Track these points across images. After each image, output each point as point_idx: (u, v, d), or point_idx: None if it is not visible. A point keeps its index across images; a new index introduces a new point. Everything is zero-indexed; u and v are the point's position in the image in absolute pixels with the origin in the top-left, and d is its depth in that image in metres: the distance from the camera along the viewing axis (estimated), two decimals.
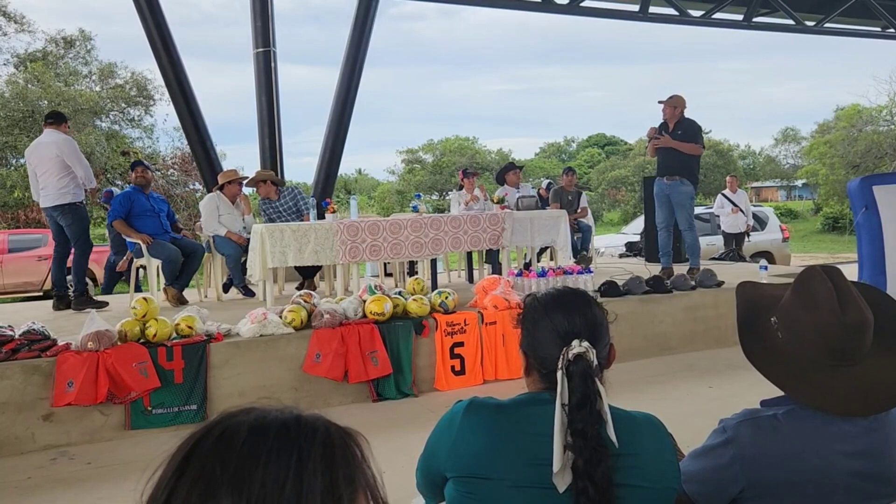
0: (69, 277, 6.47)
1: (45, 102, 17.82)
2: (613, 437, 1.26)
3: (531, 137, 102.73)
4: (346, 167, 48.81)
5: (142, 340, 4.28)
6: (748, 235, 11.61)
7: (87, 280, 9.41)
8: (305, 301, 4.95)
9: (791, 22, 12.14)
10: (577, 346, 1.32)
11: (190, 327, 4.39)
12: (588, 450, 1.23)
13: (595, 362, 1.32)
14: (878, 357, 1.45)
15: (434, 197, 33.63)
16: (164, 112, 20.58)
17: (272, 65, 8.59)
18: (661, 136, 7.05)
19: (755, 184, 45.17)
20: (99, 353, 4.03)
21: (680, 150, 6.91)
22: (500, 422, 1.33)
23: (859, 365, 1.43)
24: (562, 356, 1.32)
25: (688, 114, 7.15)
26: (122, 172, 18.51)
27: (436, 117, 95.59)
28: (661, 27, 12.25)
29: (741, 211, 11.37)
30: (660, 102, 7.15)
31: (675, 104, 7.08)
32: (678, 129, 7.04)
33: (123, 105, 20.56)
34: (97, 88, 20.48)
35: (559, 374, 1.30)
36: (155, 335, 4.27)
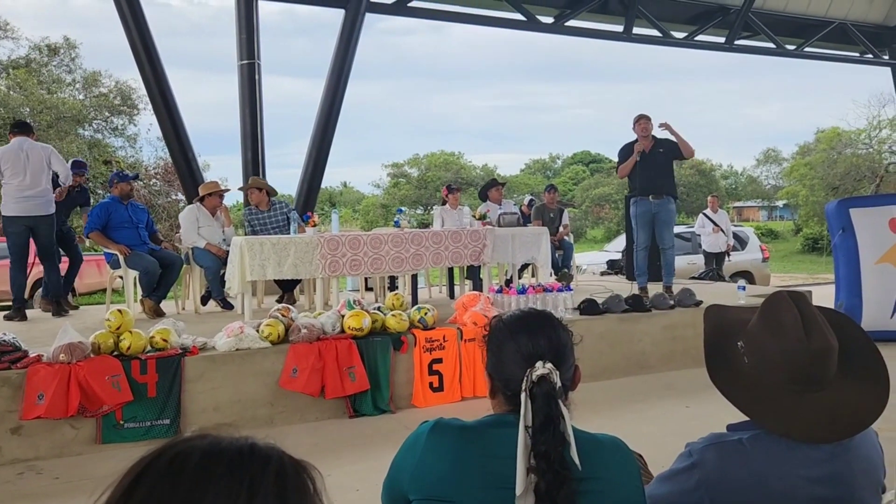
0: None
1: (28, 109, 17.64)
2: (577, 460, 1.26)
3: (517, 153, 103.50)
4: (332, 180, 48.71)
5: (115, 353, 4.22)
6: (728, 255, 11.71)
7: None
8: (283, 315, 4.91)
9: (772, 45, 12.37)
10: (541, 368, 1.31)
11: (165, 340, 4.34)
12: (551, 472, 1.22)
13: (559, 384, 1.31)
14: (843, 383, 1.46)
15: (419, 211, 33.69)
16: (148, 121, 20.43)
17: (256, 77, 8.59)
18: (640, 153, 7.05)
19: (737, 203, 45.66)
20: (71, 366, 3.97)
21: (684, 148, 6.89)
22: (464, 444, 1.32)
23: (824, 391, 1.44)
24: (525, 378, 1.31)
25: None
26: (104, 181, 18.35)
27: (422, 132, 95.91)
28: (648, 47, 12.39)
29: (722, 230, 11.47)
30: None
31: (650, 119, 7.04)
32: (658, 147, 7.03)
33: (107, 114, 20.41)
34: (81, 96, 20.33)
35: (523, 395, 1.29)
36: (129, 348, 4.22)
